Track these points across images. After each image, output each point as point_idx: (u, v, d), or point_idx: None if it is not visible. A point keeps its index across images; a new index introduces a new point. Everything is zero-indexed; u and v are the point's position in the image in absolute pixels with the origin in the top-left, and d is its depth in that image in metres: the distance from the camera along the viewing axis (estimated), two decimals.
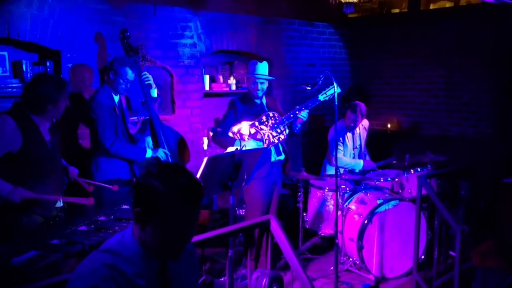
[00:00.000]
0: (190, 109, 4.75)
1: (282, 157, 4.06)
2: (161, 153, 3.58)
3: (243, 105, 3.97)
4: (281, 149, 4.04)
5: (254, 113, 3.95)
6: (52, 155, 2.91)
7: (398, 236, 4.10)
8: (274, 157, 3.99)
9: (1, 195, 2.67)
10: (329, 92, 3.89)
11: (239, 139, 3.73)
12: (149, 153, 3.51)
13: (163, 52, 4.44)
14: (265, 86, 4.01)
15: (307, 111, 3.92)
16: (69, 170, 3.15)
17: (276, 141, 3.89)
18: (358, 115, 4.82)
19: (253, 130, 3.84)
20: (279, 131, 3.90)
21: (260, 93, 3.98)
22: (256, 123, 3.87)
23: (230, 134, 3.79)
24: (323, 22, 5.96)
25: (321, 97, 3.91)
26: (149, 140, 3.64)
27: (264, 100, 4.10)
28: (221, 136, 3.90)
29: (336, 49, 6.23)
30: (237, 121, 3.89)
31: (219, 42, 4.88)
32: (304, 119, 3.92)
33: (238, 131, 3.78)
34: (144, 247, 1.52)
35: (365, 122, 5.12)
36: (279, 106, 4.19)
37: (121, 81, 3.51)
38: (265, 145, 3.83)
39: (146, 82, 3.72)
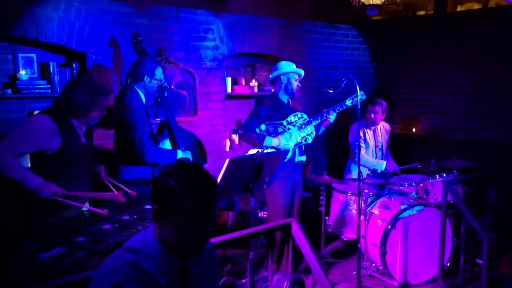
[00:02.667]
0: (212, 110, 4.77)
1: (304, 158, 4.06)
2: (189, 155, 3.56)
3: (272, 103, 3.99)
4: (303, 150, 4.04)
5: (282, 112, 3.97)
6: (85, 157, 2.98)
7: (423, 242, 4.02)
8: (297, 158, 3.99)
9: (29, 187, 2.71)
10: (356, 98, 3.89)
11: (268, 136, 3.81)
12: (180, 154, 3.49)
13: (185, 54, 4.47)
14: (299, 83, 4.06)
15: (335, 114, 3.96)
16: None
17: (304, 142, 3.94)
18: (378, 107, 4.80)
19: (280, 129, 3.89)
20: (306, 132, 3.93)
21: (297, 91, 4.02)
22: (284, 123, 3.91)
23: (258, 131, 3.85)
24: (346, 24, 5.92)
25: (348, 102, 3.96)
26: (167, 143, 3.64)
27: (289, 101, 4.10)
28: (248, 134, 3.90)
29: (360, 51, 6.18)
30: (265, 119, 3.91)
31: (241, 44, 4.89)
32: (331, 122, 3.98)
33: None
34: (164, 245, 1.55)
35: (386, 125, 5.07)
36: (299, 108, 4.18)
37: (154, 81, 3.47)
38: (292, 144, 3.88)
39: (164, 85, 3.72)
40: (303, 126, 3.92)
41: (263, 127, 3.86)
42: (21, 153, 2.81)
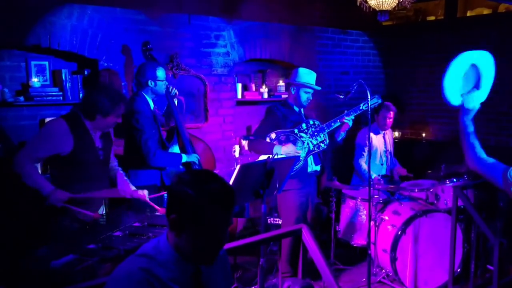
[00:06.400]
0: (223, 117, 4.80)
1: (318, 167, 3.96)
2: (194, 158, 3.61)
3: (283, 111, 3.88)
4: (319, 159, 3.95)
5: (294, 120, 3.87)
6: (101, 161, 3.03)
7: (433, 248, 4.00)
8: (311, 167, 3.89)
9: (42, 194, 2.80)
10: (371, 102, 3.85)
11: (278, 144, 3.68)
12: (184, 158, 3.53)
13: (197, 61, 4.51)
14: (311, 96, 3.93)
15: (353, 118, 3.85)
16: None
17: (316, 150, 3.83)
18: (391, 113, 4.84)
19: (291, 138, 3.78)
20: (319, 139, 3.83)
21: (306, 103, 3.91)
22: (296, 131, 3.81)
23: (268, 140, 3.74)
24: (357, 30, 5.93)
25: (363, 107, 3.85)
26: (176, 148, 3.69)
27: (302, 109, 4.00)
28: (257, 143, 3.79)
29: (370, 57, 6.18)
30: (277, 127, 3.81)
31: (252, 50, 4.92)
32: (350, 125, 3.86)
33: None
34: (179, 252, 1.55)
35: (391, 131, 5.14)
36: (313, 115, 4.12)
37: (160, 82, 3.53)
38: (304, 154, 3.78)
39: (172, 93, 3.77)
40: (316, 134, 3.81)
41: (273, 135, 3.76)
42: (38, 159, 2.89)
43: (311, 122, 3.87)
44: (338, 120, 3.85)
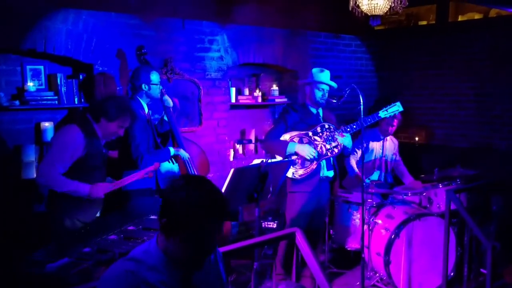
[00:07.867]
0: (217, 120, 4.81)
1: (331, 173, 3.91)
2: (183, 153, 3.63)
3: (299, 113, 3.82)
4: (332, 164, 3.90)
5: (309, 122, 3.81)
6: (103, 165, 3.15)
7: (427, 251, 4.02)
8: (323, 172, 3.83)
9: (83, 196, 2.97)
10: (391, 110, 3.81)
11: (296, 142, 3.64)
12: (172, 152, 3.56)
13: (191, 65, 4.53)
14: (327, 94, 3.84)
15: (364, 126, 3.77)
16: None
17: (329, 155, 3.76)
18: (396, 121, 4.76)
19: (305, 141, 3.73)
20: (333, 144, 3.76)
21: (322, 101, 3.83)
22: (310, 133, 3.75)
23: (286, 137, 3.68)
24: (350, 34, 5.97)
25: (382, 114, 3.81)
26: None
27: (320, 111, 3.96)
28: (271, 141, 3.73)
29: (363, 61, 6.22)
30: (291, 129, 3.76)
31: (246, 54, 4.94)
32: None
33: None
34: (168, 255, 1.56)
35: (394, 139, 5.11)
36: (334, 118, 4.03)
37: (154, 86, 3.57)
38: (315, 155, 3.73)
39: (166, 104, 3.81)
40: (330, 138, 3.74)
41: (287, 136, 3.69)
42: (64, 168, 2.96)
43: (327, 126, 3.79)
44: (355, 126, 3.79)
